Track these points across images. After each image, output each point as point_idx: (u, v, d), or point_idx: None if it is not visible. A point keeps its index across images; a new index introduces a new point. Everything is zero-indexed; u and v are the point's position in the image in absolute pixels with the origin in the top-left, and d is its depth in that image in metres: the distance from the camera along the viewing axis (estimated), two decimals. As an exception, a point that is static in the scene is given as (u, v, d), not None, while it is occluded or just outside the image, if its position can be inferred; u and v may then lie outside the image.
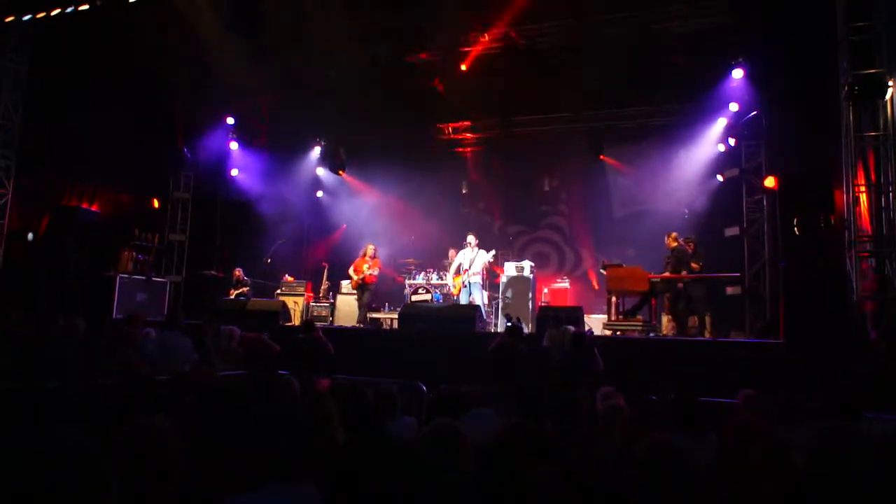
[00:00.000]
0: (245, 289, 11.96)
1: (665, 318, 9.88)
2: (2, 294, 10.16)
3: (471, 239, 11.04)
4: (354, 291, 11.81)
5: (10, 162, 11.08)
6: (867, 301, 7.58)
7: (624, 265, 9.83)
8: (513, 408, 4.17)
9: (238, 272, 12.16)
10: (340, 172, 14.37)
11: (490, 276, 11.81)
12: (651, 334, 9.00)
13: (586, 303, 11.00)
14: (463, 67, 11.48)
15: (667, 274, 9.53)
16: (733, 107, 11.00)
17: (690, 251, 9.66)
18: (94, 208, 12.07)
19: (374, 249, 11.59)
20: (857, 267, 7.60)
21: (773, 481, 2.27)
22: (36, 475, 1.54)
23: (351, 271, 11.50)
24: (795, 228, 7.86)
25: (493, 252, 11.10)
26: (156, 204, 13.76)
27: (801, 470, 2.16)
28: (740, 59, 10.44)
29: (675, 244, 9.69)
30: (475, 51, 11.45)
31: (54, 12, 10.20)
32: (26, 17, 10.41)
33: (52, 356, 5.02)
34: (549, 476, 2.10)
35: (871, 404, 4.79)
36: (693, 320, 9.47)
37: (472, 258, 10.88)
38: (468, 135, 14.01)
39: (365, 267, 11.26)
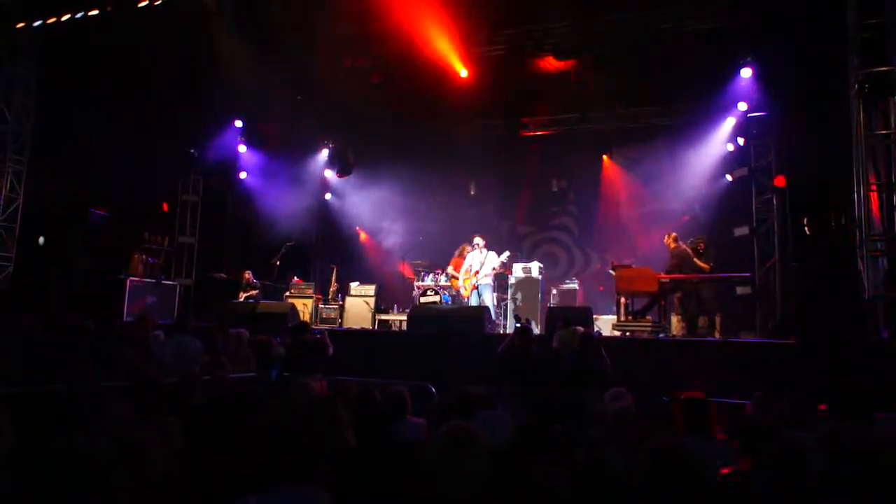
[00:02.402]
0: (254, 291, 12.01)
1: (675, 319, 9.83)
2: (13, 297, 10.25)
3: (478, 240, 10.96)
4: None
5: (22, 167, 11.18)
6: (879, 300, 7.51)
7: (633, 266, 9.79)
8: (522, 409, 4.16)
9: (247, 274, 12.20)
10: (339, 175, 14.36)
11: (498, 278, 11.73)
12: (660, 335, 8.95)
13: (595, 303, 10.96)
14: (464, 73, 11.42)
15: (676, 274, 9.46)
16: (742, 106, 10.94)
17: (701, 250, 9.58)
18: (103, 212, 12.15)
19: None
20: (869, 266, 7.53)
21: (784, 484, 2.25)
22: (46, 476, 1.55)
23: (452, 271, 11.33)
24: (805, 228, 7.81)
25: (507, 253, 10.93)
26: (165, 207, 13.83)
27: (813, 473, 2.15)
28: (749, 58, 10.36)
29: (674, 245, 9.61)
30: (482, 51, 11.41)
31: (64, 18, 10.28)
32: (37, 24, 10.50)
33: (61, 359, 5.06)
34: (558, 478, 2.10)
35: (885, 405, 4.75)
36: (703, 321, 9.41)
37: (481, 260, 10.83)
38: (476, 135, 13.98)
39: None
